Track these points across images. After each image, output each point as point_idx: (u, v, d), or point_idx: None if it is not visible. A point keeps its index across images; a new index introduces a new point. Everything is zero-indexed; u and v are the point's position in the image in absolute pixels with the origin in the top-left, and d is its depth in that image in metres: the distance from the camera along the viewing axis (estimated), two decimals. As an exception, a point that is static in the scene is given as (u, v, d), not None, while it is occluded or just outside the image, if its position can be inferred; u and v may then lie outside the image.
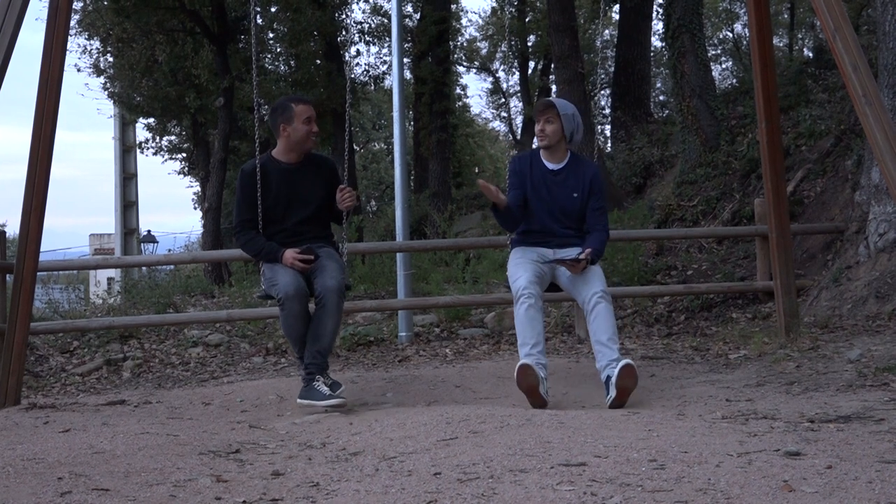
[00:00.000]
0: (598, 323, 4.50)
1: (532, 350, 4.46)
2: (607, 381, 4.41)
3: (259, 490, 2.69)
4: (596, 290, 4.53)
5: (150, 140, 22.55)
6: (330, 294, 4.58)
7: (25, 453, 3.19)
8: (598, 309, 4.51)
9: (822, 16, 4.67)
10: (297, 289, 4.55)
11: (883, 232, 6.68)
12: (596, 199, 4.83)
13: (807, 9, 21.23)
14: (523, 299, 4.51)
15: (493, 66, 29.96)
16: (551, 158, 4.86)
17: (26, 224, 5.00)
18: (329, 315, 4.60)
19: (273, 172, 4.78)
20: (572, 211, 4.81)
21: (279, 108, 4.84)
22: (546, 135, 4.78)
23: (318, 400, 4.51)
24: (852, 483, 2.38)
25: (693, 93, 10.79)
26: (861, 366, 4.86)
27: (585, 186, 4.80)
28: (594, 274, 4.64)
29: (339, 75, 16.43)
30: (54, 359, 7.43)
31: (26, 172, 4.97)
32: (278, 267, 4.66)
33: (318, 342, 4.62)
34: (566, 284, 4.78)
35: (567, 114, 4.77)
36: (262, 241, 4.77)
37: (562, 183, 4.81)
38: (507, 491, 2.43)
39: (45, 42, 4.96)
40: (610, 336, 4.49)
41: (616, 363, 4.39)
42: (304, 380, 4.66)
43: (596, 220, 4.82)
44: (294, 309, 4.58)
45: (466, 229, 15.70)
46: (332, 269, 4.67)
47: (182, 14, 15.03)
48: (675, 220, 10.27)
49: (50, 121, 4.97)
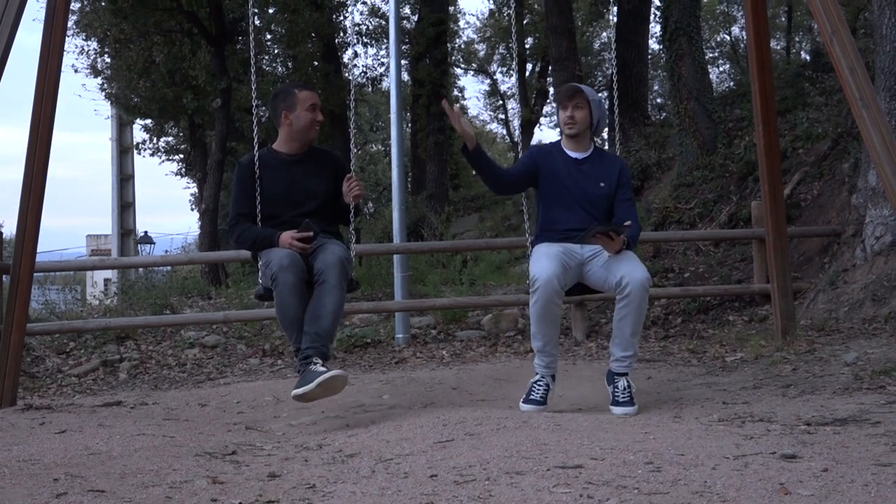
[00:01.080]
0: (628, 310, 4.18)
1: (545, 347, 4.32)
2: (610, 377, 4.37)
3: (255, 492, 2.69)
4: (638, 275, 4.14)
5: (147, 141, 22.55)
6: (329, 269, 4.12)
7: (21, 454, 3.18)
8: (633, 296, 4.13)
9: (819, 19, 4.67)
10: (291, 260, 4.09)
11: (879, 235, 6.69)
12: (625, 191, 4.52)
13: (804, 12, 21.28)
14: (539, 292, 4.16)
15: (491, 68, 30.01)
16: (576, 148, 4.55)
17: (23, 224, 5.00)
18: (328, 293, 4.10)
19: (272, 164, 4.45)
20: (599, 201, 4.45)
21: (281, 93, 4.53)
22: (575, 121, 4.47)
23: (310, 381, 3.94)
24: (848, 486, 2.38)
25: (690, 95, 10.80)
26: (857, 368, 4.86)
27: (613, 177, 4.49)
28: (633, 259, 4.27)
29: (337, 77, 16.44)
30: (51, 360, 7.42)
31: (23, 173, 4.97)
32: (274, 249, 4.25)
33: (316, 323, 4.08)
34: (598, 274, 4.36)
35: (595, 99, 4.52)
36: (256, 229, 4.35)
37: (587, 172, 4.50)
38: (503, 493, 2.43)
39: (43, 43, 4.96)
40: (634, 331, 4.24)
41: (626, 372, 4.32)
42: (300, 367, 4.08)
43: (626, 211, 4.47)
44: (288, 280, 4.06)
45: (464, 231, 15.71)
46: (332, 247, 4.25)
47: (180, 15, 15.04)
48: (673, 222, 10.27)
49: (47, 121, 4.96)
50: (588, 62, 25.20)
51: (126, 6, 14.14)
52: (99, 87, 19.45)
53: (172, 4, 14.53)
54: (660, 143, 13.49)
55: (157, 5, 14.54)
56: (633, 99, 15.65)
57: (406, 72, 19.82)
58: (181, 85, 16.91)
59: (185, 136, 21.80)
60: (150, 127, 22.11)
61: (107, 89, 19.19)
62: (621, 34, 16.00)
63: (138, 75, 17.28)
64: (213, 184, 15.38)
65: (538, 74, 25.59)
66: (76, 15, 17.02)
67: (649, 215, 10.61)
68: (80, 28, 17.57)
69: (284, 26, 16.59)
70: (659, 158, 13.04)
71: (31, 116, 4.96)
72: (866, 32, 13.38)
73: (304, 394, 3.97)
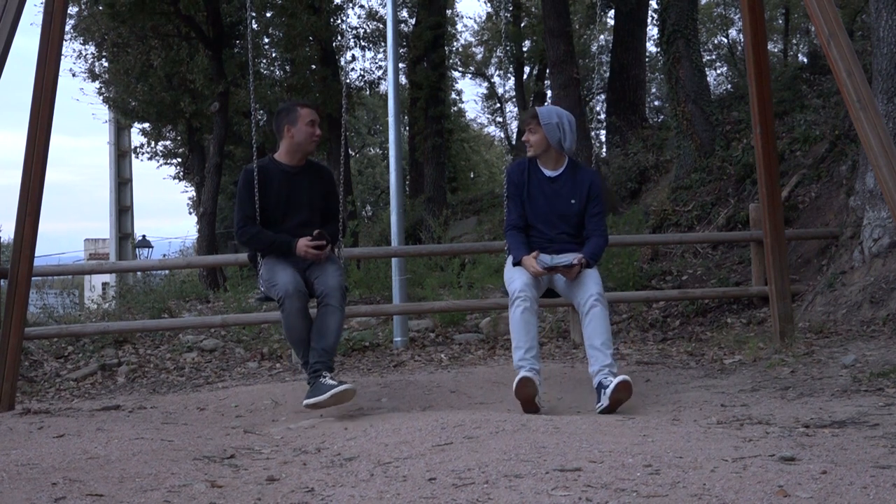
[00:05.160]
0: (593, 327, 4.51)
1: (526, 355, 4.47)
2: (599, 388, 4.41)
3: (254, 495, 2.69)
4: (591, 294, 4.55)
5: (145, 145, 22.56)
6: (332, 291, 4.60)
7: (20, 459, 3.18)
8: (592, 312, 4.52)
9: (816, 21, 4.68)
10: (296, 286, 4.55)
11: (877, 237, 6.70)
12: (594, 205, 4.84)
13: (801, 14, 21.32)
14: (518, 302, 4.53)
15: (489, 72, 30.05)
16: (547, 165, 4.87)
17: (21, 229, 5.00)
18: (332, 313, 4.60)
19: (274, 174, 4.81)
20: (570, 217, 4.83)
21: (284, 110, 4.91)
22: (530, 144, 4.86)
23: (324, 393, 4.42)
24: (847, 488, 2.38)
25: (688, 98, 10.81)
26: (856, 371, 4.87)
27: (583, 193, 4.82)
28: (590, 277, 4.65)
29: (335, 80, 16.44)
30: (49, 364, 7.41)
31: (21, 177, 4.96)
32: (277, 267, 4.66)
33: (322, 340, 4.58)
34: (563, 289, 4.81)
35: (550, 123, 4.77)
36: (270, 234, 4.75)
37: (559, 190, 4.83)
38: (501, 496, 2.43)
39: (40, 47, 4.96)
40: (603, 341, 4.49)
41: (610, 372, 4.39)
42: (311, 379, 4.57)
43: (594, 225, 4.83)
44: (294, 306, 4.54)
45: (461, 234, 15.71)
46: (332, 270, 4.71)
47: (177, 19, 15.06)
48: (670, 225, 10.28)
49: (45, 126, 4.96)
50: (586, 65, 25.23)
51: (124, 10, 14.14)
52: (97, 91, 19.48)
53: (170, 8, 14.54)
54: (657, 145, 13.51)
55: (155, 9, 14.55)
56: (631, 101, 15.68)
57: (404, 75, 19.84)
58: (179, 89, 16.92)
59: (182, 139, 21.81)
60: (147, 131, 22.11)
61: (105, 93, 19.19)
62: (619, 37, 16.05)
63: (136, 79, 17.28)
64: (211, 187, 15.37)
65: (536, 77, 25.62)
66: (74, 19, 17.04)
67: (647, 218, 10.62)
68: (78, 32, 17.59)
69: (282, 30, 16.60)
70: (656, 161, 13.06)
71: (28, 120, 4.96)
72: (864, 35, 13.42)
73: (317, 403, 4.44)
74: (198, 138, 20.02)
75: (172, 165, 24.33)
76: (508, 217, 4.88)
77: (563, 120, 4.80)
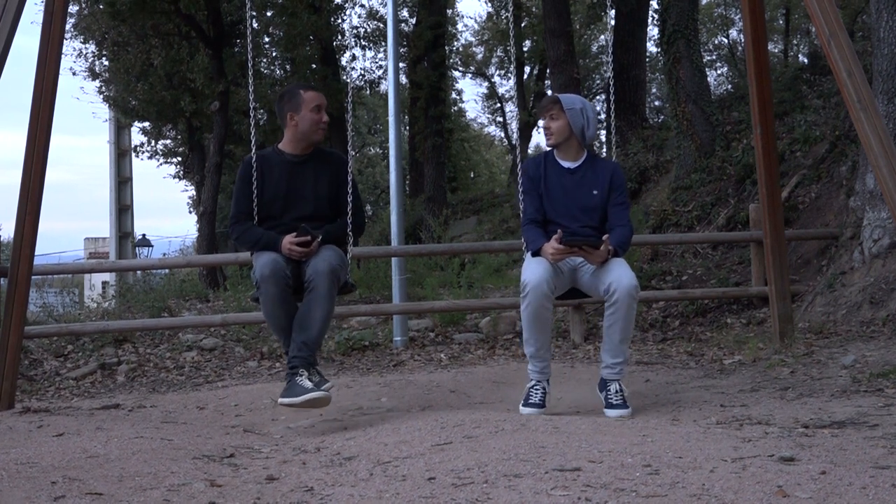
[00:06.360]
0: (616, 317, 4.24)
1: (536, 353, 4.37)
2: (602, 384, 4.40)
3: (253, 495, 2.69)
4: (625, 283, 4.17)
5: (145, 144, 22.55)
6: (319, 277, 4.10)
7: (19, 457, 3.18)
8: (620, 303, 4.19)
9: (817, 22, 4.68)
10: (273, 269, 4.09)
11: (877, 238, 6.70)
12: (618, 195, 4.50)
13: (802, 15, 21.31)
14: (529, 297, 4.21)
15: (489, 71, 30.05)
16: (566, 157, 4.55)
17: (21, 228, 4.99)
18: (317, 301, 4.11)
19: (275, 164, 4.40)
20: (593, 209, 4.46)
21: (286, 94, 4.48)
22: (551, 132, 4.49)
23: (297, 395, 4.01)
24: (846, 489, 2.38)
25: (688, 98, 10.80)
26: (855, 371, 4.87)
27: (605, 183, 4.49)
28: (620, 265, 4.27)
29: (335, 80, 16.45)
30: (48, 363, 7.41)
31: (21, 176, 4.96)
32: (262, 252, 4.24)
33: (304, 332, 4.11)
34: (588, 283, 4.43)
35: (574, 108, 4.47)
36: (259, 231, 4.34)
37: (580, 181, 4.50)
38: (501, 496, 2.43)
39: (41, 46, 4.96)
40: (623, 338, 4.29)
41: (620, 372, 4.35)
42: (287, 376, 4.14)
43: (618, 215, 4.47)
44: (270, 291, 4.09)
45: (462, 234, 15.72)
46: (324, 254, 4.21)
47: (178, 18, 15.05)
48: (670, 225, 10.28)
49: (45, 125, 4.96)
50: (586, 65, 25.23)
51: (124, 9, 14.14)
52: (97, 90, 19.49)
53: (170, 7, 14.53)
54: (657, 145, 13.50)
55: (155, 8, 14.54)
56: (631, 102, 15.66)
57: (404, 75, 19.84)
58: (179, 88, 16.91)
59: (183, 138, 21.80)
60: (148, 130, 22.11)
61: (105, 92, 19.19)
62: (619, 37, 16.04)
63: (136, 78, 17.29)
64: (211, 187, 15.37)
65: (536, 77, 25.61)
66: (74, 18, 17.04)
67: (647, 218, 10.62)
68: (79, 31, 17.59)
69: (282, 29, 16.60)
70: (657, 161, 13.05)
71: (28, 120, 4.96)
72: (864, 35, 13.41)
73: (290, 405, 4.08)
74: (198, 137, 20.01)
75: (172, 164, 24.34)
76: (525, 212, 4.54)
77: (587, 107, 4.53)
